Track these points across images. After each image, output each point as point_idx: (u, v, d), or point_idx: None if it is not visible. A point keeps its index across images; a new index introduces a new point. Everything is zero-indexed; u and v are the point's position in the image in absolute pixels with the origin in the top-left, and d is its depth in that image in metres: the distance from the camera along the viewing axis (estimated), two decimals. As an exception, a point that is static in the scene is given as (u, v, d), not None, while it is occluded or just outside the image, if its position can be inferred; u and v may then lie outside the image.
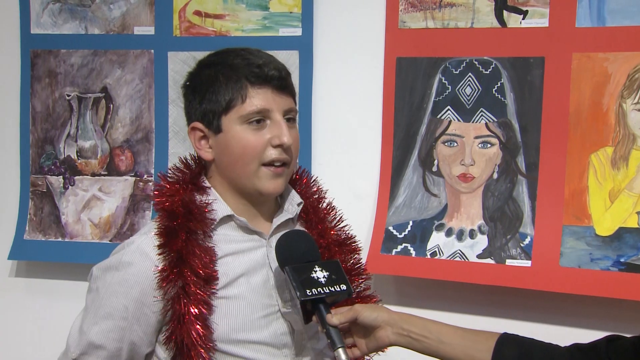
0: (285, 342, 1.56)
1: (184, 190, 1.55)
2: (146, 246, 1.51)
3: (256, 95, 1.52)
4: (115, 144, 2.43)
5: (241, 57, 1.55)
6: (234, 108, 1.52)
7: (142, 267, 1.50)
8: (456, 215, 2.16)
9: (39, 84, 2.46)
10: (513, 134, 2.11)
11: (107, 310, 1.52)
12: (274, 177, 1.54)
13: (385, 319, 1.49)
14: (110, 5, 2.41)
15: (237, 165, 1.53)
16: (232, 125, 1.53)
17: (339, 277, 1.49)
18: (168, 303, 1.48)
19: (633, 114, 2.01)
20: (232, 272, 1.53)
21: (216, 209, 1.55)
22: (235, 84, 1.52)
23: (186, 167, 1.62)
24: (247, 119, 1.52)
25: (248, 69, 1.52)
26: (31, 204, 2.47)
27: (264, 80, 1.52)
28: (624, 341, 1.43)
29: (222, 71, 1.54)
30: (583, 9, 2.03)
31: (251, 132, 1.52)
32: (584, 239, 2.03)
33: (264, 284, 1.56)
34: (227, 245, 1.55)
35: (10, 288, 2.57)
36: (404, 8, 2.20)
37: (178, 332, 1.46)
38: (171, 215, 1.51)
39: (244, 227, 1.57)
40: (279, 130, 1.52)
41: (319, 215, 1.69)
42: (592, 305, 2.05)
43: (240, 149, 1.52)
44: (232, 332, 1.51)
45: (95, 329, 1.52)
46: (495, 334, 1.50)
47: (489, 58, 2.13)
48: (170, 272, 1.47)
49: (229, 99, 1.52)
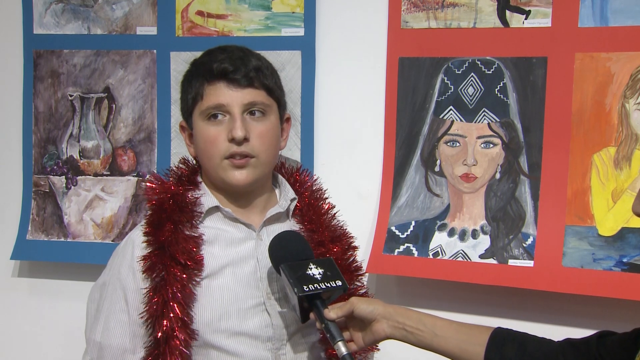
0: (270, 335, 1.57)
1: (175, 186, 1.61)
2: (136, 237, 1.58)
3: (211, 91, 1.58)
4: (118, 144, 2.43)
5: (210, 55, 1.63)
6: (196, 105, 1.60)
7: (132, 255, 1.55)
8: (459, 215, 2.16)
9: (41, 84, 2.47)
10: (515, 134, 2.11)
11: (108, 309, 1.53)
12: (236, 169, 1.58)
13: (381, 312, 1.51)
14: (113, 5, 2.41)
15: (205, 159, 1.61)
16: (197, 121, 1.61)
17: (333, 274, 1.52)
18: (150, 292, 1.50)
19: (636, 114, 2.01)
20: (218, 262, 1.56)
21: (203, 202, 1.60)
22: (196, 81, 1.60)
23: (186, 165, 1.66)
24: (206, 115, 1.58)
25: (207, 66, 1.59)
26: (34, 204, 2.47)
27: (216, 75, 1.57)
28: (613, 337, 1.46)
29: (192, 70, 1.64)
30: (586, 8, 2.03)
31: (210, 127, 1.58)
32: (587, 239, 2.03)
33: (251, 275, 1.59)
34: (214, 235, 1.59)
35: (12, 288, 2.57)
36: (407, 8, 2.20)
37: (157, 320, 1.48)
38: (159, 208, 1.57)
39: (232, 219, 1.61)
40: (232, 124, 1.56)
41: (315, 212, 1.72)
42: (594, 305, 2.05)
43: (203, 144, 1.59)
44: (215, 320, 1.53)
45: (100, 328, 1.53)
46: (489, 328, 1.52)
47: (492, 58, 2.13)
48: (153, 260, 1.50)
49: (192, 96, 1.60)
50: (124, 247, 1.59)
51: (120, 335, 1.52)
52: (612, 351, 1.42)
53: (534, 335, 1.52)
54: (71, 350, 2.51)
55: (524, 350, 1.47)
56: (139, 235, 1.56)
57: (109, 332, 1.53)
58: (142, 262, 1.52)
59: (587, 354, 1.44)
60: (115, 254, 1.62)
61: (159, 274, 1.50)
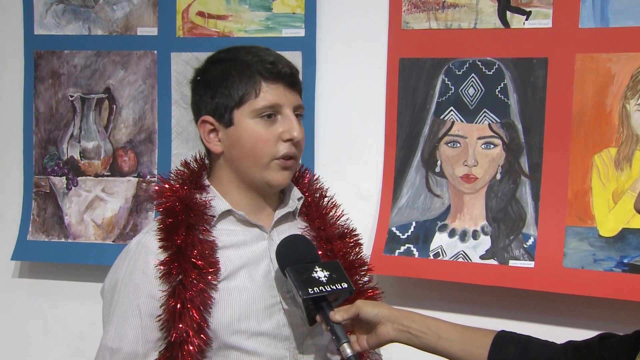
0: (287, 334, 1.58)
1: (182, 189, 1.59)
2: (149, 242, 1.55)
3: (269, 90, 1.56)
4: (118, 144, 2.43)
5: (252, 54, 1.60)
6: (247, 102, 1.56)
7: (146, 260, 1.53)
8: (459, 216, 2.16)
9: (42, 84, 2.47)
10: (516, 135, 2.11)
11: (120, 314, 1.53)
12: (282, 170, 1.58)
13: (386, 315, 1.52)
14: (114, 6, 2.41)
15: (248, 158, 1.58)
16: (244, 118, 1.57)
17: (339, 276, 1.52)
18: (168, 296, 1.49)
19: (636, 114, 2.01)
20: (233, 264, 1.56)
21: (214, 206, 1.59)
22: (249, 79, 1.56)
23: (187, 168, 1.65)
24: (260, 113, 1.56)
25: (261, 65, 1.57)
26: (34, 204, 2.48)
27: (276, 76, 1.56)
28: (614, 339, 1.47)
29: (234, 66, 1.58)
30: (586, 9, 2.03)
31: (263, 126, 1.56)
32: (587, 240, 2.03)
33: (265, 275, 1.59)
34: (227, 238, 1.58)
35: (13, 289, 2.57)
36: (407, 9, 2.20)
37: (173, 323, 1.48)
38: (171, 213, 1.55)
39: (244, 221, 1.61)
40: (289, 125, 1.56)
41: (320, 211, 1.73)
42: (595, 306, 2.05)
43: (253, 142, 1.56)
44: (234, 322, 1.53)
45: (111, 334, 1.53)
46: (492, 332, 1.53)
47: (492, 59, 2.13)
48: (171, 265, 1.49)
49: (243, 93, 1.56)
50: (136, 252, 1.55)
51: (132, 340, 1.52)
52: (614, 353, 1.43)
53: (537, 338, 1.53)
54: (72, 350, 2.51)
55: (527, 352, 1.48)
56: (152, 240, 1.54)
57: (121, 337, 1.52)
58: (159, 267, 1.51)
59: (589, 356, 1.45)
60: (124, 259, 1.58)
61: (176, 278, 1.49)
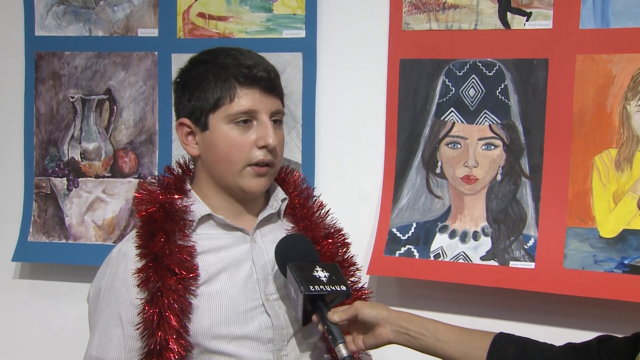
0: (270, 336, 1.57)
1: (163, 195, 1.57)
2: (128, 249, 1.54)
3: (244, 95, 1.53)
4: (119, 145, 2.43)
5: (232, 57, 1.57)
6: (222, 107, 1.54)
7: (125, 269, 1.52)
8: (460, 217, 2.16)
9: (43, 85, 2.47)
10: (517, 136, 2.11)
11: (103, 324, 1.53)
12: (257, 177, 1.56)
13: (385, 317, 1.52)
14: (114, 7, 2.41)
15: (222, 164, 1.56)
16: (219, 123, 1.55)
17: (338, 279, 1.53)
18: (146, 304, 1.49)
19: (637, 115, 2.01)
20: (213, 268, 1.55)
21: (194, 210, 1.58)
22: (224, 83, 1.54)
23: (171, 173, 1.64)
24: (234, 119, 1.54)
25: (237, 69, 1.54)
26: (35, 205, 2.48)
27: (252, 81, 1.54)
28: (614, 341, 1.47)
29: (212, 70, 1.56)
30: (587, 10, 2.03)
31: (237, 132, 1.54)
32: (588, 241, 2.03)
33: (247, 278, 1.58)
34: (207, 242, 1.57)
35: (14, 289, 2.57)
36: (408, 10, 2.20)
37: (152, 331, 1.47)
38: (150, 219, 1.54)
39: (225, 225, 1.59)
40: (264, 131, 1.54)
41: (306, 211, 1.71)
42: (595, 307, 2.04)
43: (226, 148, 1.54)
44: (216, 326, 1.52)
45: (95, 343, 1.53)
46: (491, 333, 1.53)
47: (493, 60, 2.13)
48: (148, 272, 1.49)
49: (217, 97, 1.54)
50: (116, 260, 1.55)
51: (115, 349, 1.52)
52: (613, 355, 1.43)
53: (535, 339, 1.53)
54: (72, 351, 2.51)
55: (525, 354, 1.48)
56: (131, 247, 1.53)
57: (104, 346, 1.52)
58: (136, 275, 1.50)
59: (588, 358, 1.45)
60: (106, 267, 1.58)
61: (154, 286, 1.49)
